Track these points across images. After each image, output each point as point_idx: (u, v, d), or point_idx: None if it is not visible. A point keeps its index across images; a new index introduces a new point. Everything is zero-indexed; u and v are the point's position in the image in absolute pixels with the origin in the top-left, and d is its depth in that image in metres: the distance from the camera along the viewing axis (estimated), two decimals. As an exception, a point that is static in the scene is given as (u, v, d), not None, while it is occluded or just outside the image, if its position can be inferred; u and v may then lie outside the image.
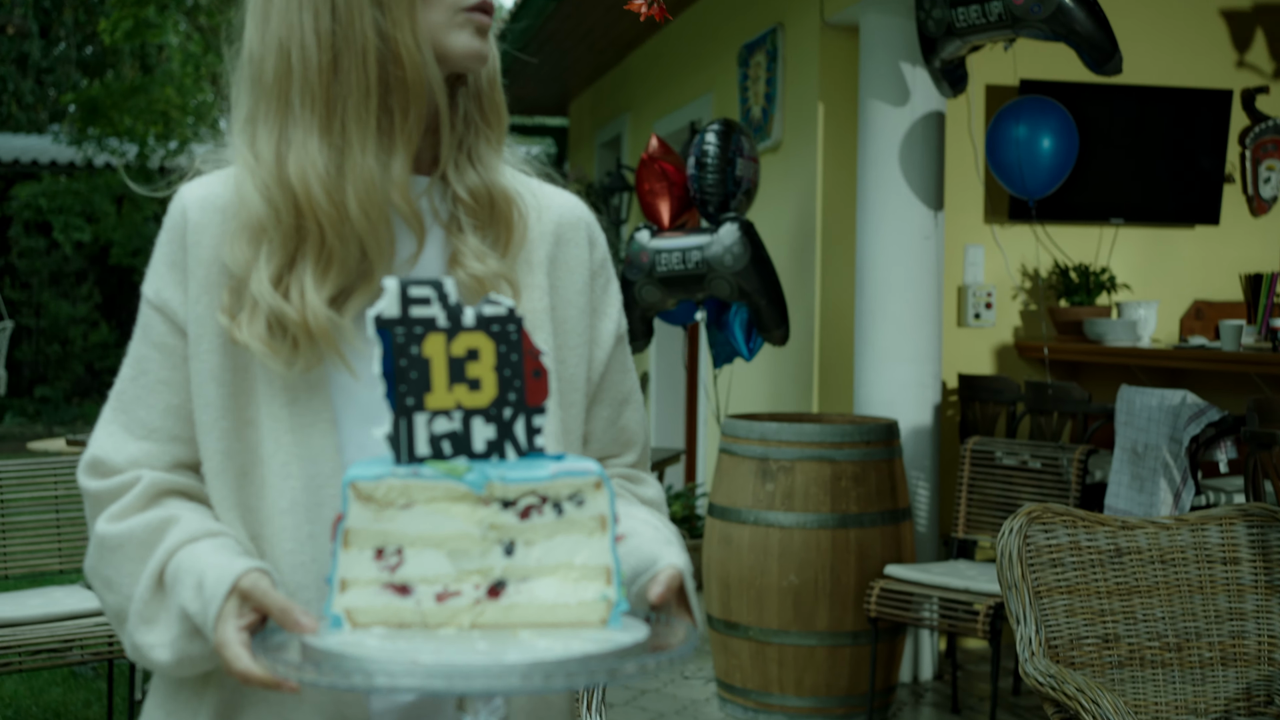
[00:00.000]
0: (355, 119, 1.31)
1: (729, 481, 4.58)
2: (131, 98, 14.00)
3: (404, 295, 1.19)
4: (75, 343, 14.18)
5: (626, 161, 8.19)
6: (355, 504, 1.16)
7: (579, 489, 1.19)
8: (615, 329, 1.51)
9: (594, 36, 7.83)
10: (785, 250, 5.68)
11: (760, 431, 4.50)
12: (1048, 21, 4.20)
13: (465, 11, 1.34)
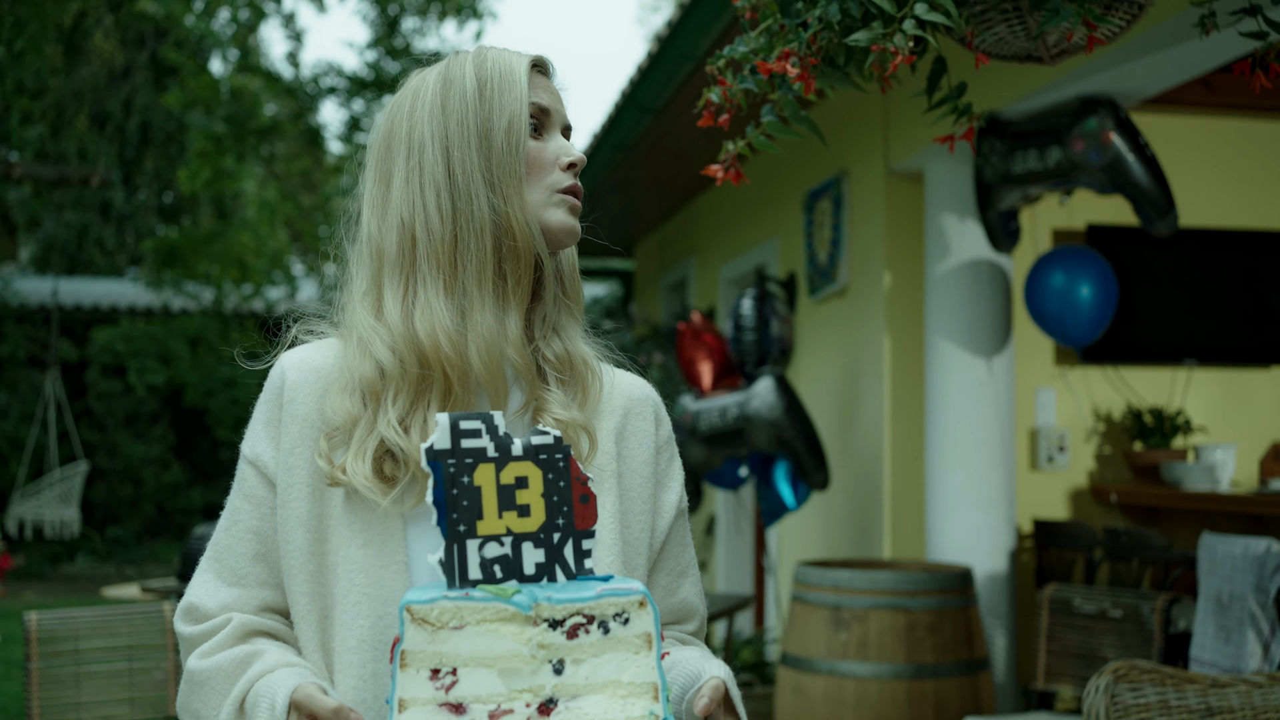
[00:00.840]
0: (475, 282, 1.48)
1: (801, 630, 4.52)
2: (208, 244, 14.41)
3: (455, 429, 1.27)
4: (147, 483, 14.37)
5: (693, 304, 8.26)
6: (411, 626, 1.22)
7: (624, 608, 1.24)
8: (677, 501, 1.62)
9: (660, 183, 7.97)
10: (851, 393, 5.68)
11: (833, 579, 4.45)
12: (1105, 170, 4.22)
13: (560, 193, 1.53)
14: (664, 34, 5.40)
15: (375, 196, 1.54)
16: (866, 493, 5.55)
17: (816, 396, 6.10)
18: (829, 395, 5.97)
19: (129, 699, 4.46)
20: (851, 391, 5.71)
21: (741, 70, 2.32)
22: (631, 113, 6.23)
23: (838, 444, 5.85)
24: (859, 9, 2.11)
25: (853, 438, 5.72)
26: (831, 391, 5.95)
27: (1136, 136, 4.24)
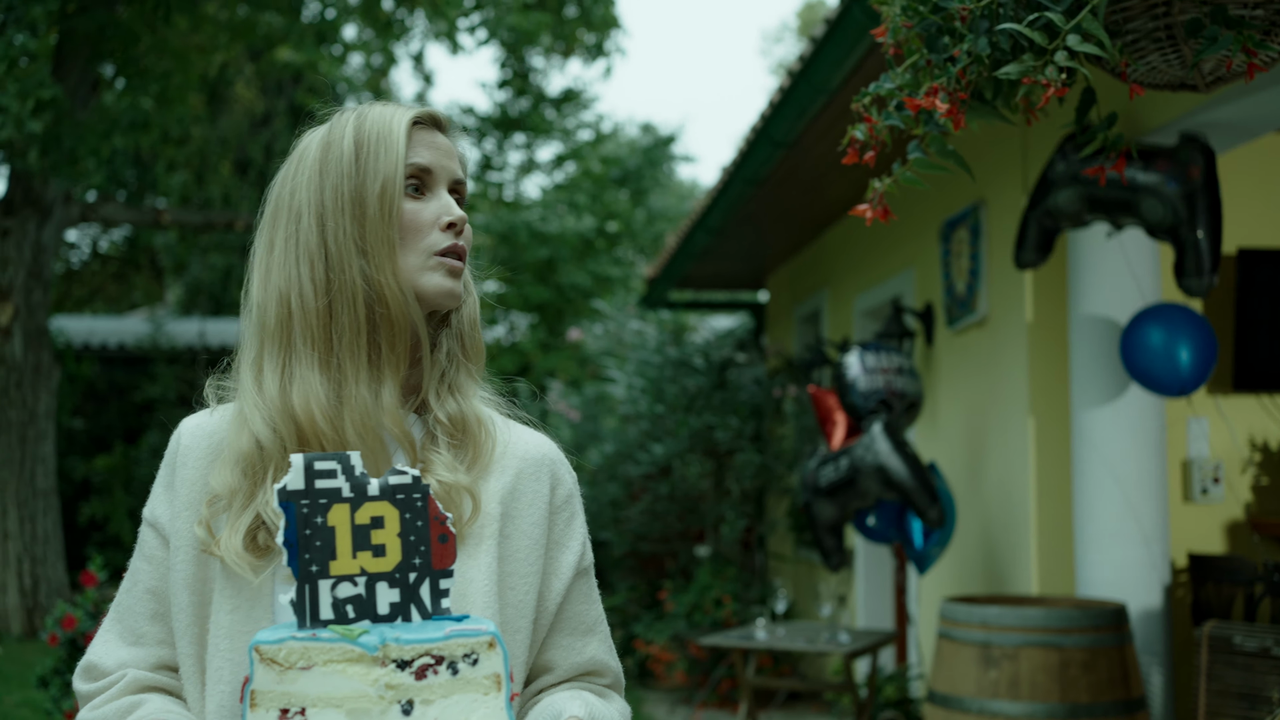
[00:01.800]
0: (350, 353, 1.47)
1: (949, 668, 4.43)
2: (347, 284, 14.74)
3: (309, 469, 1.28)
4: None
5: (827, 336, 8.21)
6: (259, 666, 1.23)
7: (473, 649, 1.25)
8: (577, 561, 1.59)
9: (791, 215, 7.95)
10: (991, 424, 5.58)
11: (980, 616, 4.36)
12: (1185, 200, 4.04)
13: (438, 255, 1.51)
14: (796, 68, 5.40)
15: (261, 264, 1.53)
16: (1006, 526, 5.44)
17: (954, 428, 6.00)
18: (967, 426, 5.87)
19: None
20: (991, 422, 5.61)
21: (886, 107, 2.30)
22: (764, 147, 6.23)
23: (974, 476, 5.74)
24: (1008, 41, 2.08)
25: (992, 469, 5.61)
26: (969, 422, 5.85)
27: (1217, 188, 4.08)
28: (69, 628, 6.62)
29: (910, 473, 5.19)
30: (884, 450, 5.25)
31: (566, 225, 12.95)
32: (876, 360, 5.60)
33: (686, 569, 8.90)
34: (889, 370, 5.58)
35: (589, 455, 8.60)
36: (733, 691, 7.99)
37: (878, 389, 5.53)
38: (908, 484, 5.19)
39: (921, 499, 5.18)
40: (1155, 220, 4.15)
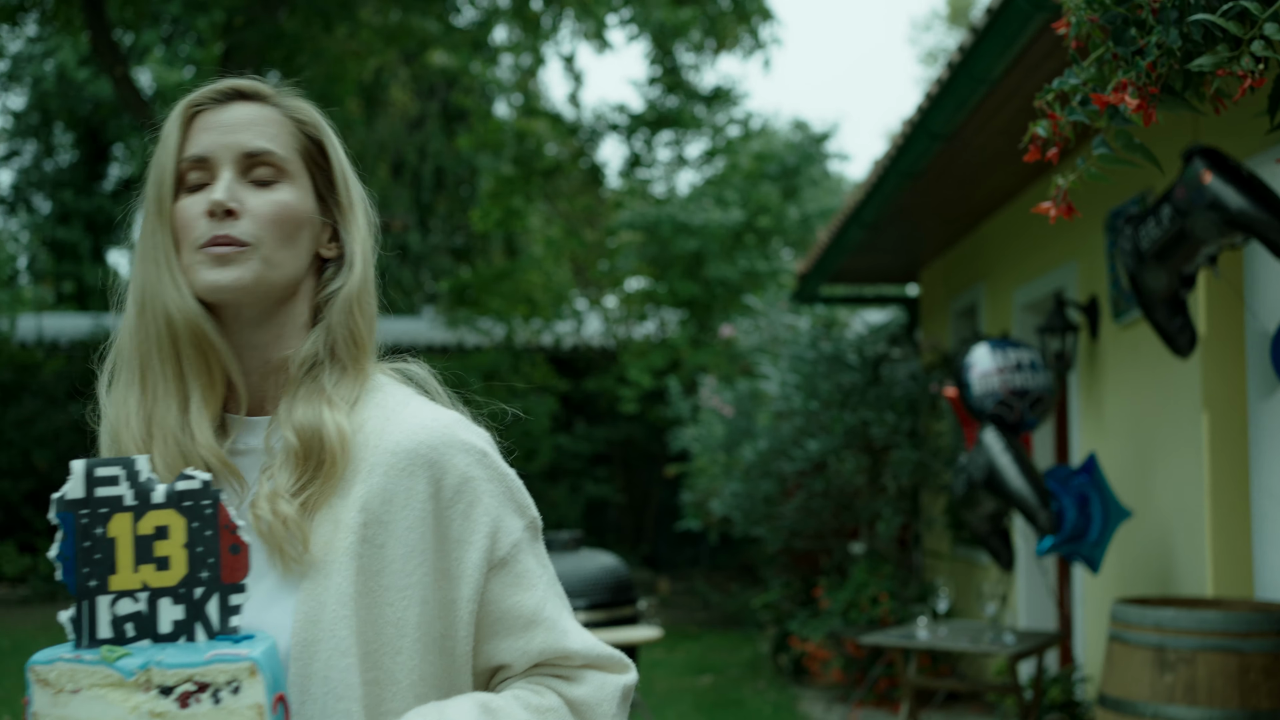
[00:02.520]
0: (158, 370, 1.37)
1: (1122, 671, 4.33)
2: (499, 282, 15.00)
3: (89, 476, 1.20)
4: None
5: (984, 330, 8.07)
6: (35, 687, 1.18)
7: (235, 675, 1.16)
8: (485, 557, 1.39)
9: (948, 208, 7.83)
10: (1161, 420, 5.42)
11: (1154, 618, 4.25)
12: (1211, 209, 3.88)
13: (201, 249, 1.37)
14: (956, 59, 5.32)
15: None
16: (1178, 525, 5.28)
17: (1120, 423, 5.85)
18: (1134, 422, 5.72)
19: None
20: (1161, 418, 5.45)
21: (1070, 102, 2.26)
22: (921, 140, 6.15)
23: (1141, 472, 5.59)
24: (1200, 32, 2.03)
25: (1161, 466, 5.46)
26: (1137, 418, 5.70)
27: (1238, 170, 3.90)
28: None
29: (1019, 480, 5.21)
30: (989, 459, 5.31)
31: (712, 218, 12.95)
32: (993, 360, 5.53)
33: (841, 566, 8.84)
34: (1005, 369, 5.48)
35: (742, 451, 8.59)
36: (890, 690, 7.92)
37: (992, 391, 5.46)
38: (1014, 492, 5.21)
39: (1030, 505, 5.18)
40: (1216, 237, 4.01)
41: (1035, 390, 5.53)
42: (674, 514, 15.27)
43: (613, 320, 15.48)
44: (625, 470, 15.94)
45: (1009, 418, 5.51)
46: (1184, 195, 3.95)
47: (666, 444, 14.64)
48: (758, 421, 8.75)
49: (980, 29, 4.97)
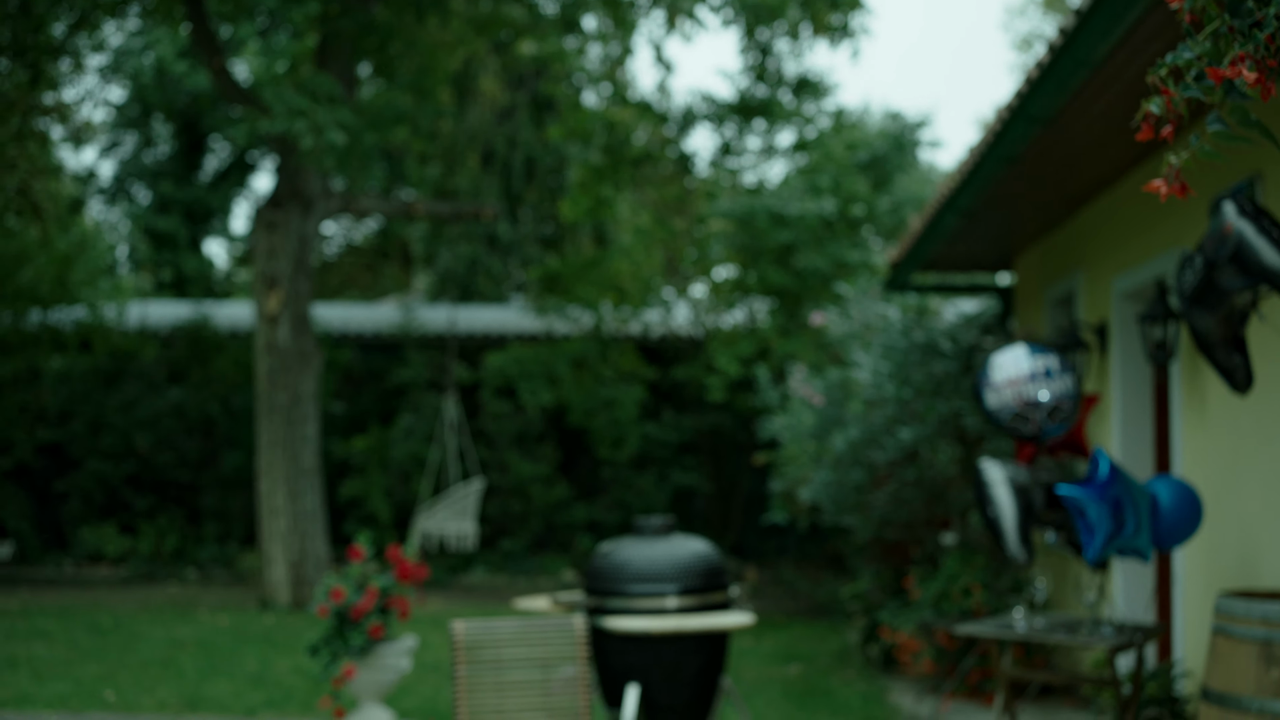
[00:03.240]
0: None
1: (1226, 666, 4.23)
2: (588, 270, 15.05)
3: None
4: (535, 499, 15.12)
5: (1082, 318, 7.93)
6: None
7: None
8: None
9: (1044, 194, 7.70)
10: (1265, 410, 5.29)
11: (1262, 612, 4.15)
12: (1234, 262, 3.79)
13: None
14: (1058, 42, 5.22)
15: None
16: (1272, 518, 5.16)
17: (1222, 414, 5.72)
18: (1235, 412, 5.59)
19: (544, 705, 4.70)
20: (1263, 408, 5.32)
21: (1185, 78, 2.21)
22: (1019, 125, 6.05)
23: (1235, 464, 5.46)
24: (1322, 4, 1.97)
25: (1258, 457, 5.32)
26: (1239, 408, 5.56)
27: (1261, 218, 3.80)
28: (337, 600, 6.97)
29: (1005, 506, 5.24)
30: (983, 487, 5.41)
31: (807, 208, 12.87)
32: (1003, 373, 5.44)
33: (932, 557, 8.75)
34: (1017, 381, 5.39)
35: (833, 440, 8.54)
36: (982, 683, 7.83)
37: (1006, 405, 5.39)
38: (994, 520, 5.36)
39: (1006, 537, 5.34)
40: (1242, 286, 3.97)
41: (1053, 399, 5.44)
42: (761, 504, 15.22)
43: (701, 309, 15.47)
44: (712, 459, 15.92)
45: (1026, 430, 5.45)
46: (1211, 246, 3.93)
47: (754, 433, 14.60)
48: (848, 410, 8.69)
49: (1084, 10, 4.87)
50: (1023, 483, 5.31)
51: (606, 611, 5.07)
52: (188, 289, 24.86)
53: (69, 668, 8.95)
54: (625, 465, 15.42)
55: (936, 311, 10.54)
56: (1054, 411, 5.33)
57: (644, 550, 5.13)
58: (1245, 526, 5.51)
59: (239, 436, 15.49)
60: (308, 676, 8.63)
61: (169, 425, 15.35)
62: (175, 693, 8.15)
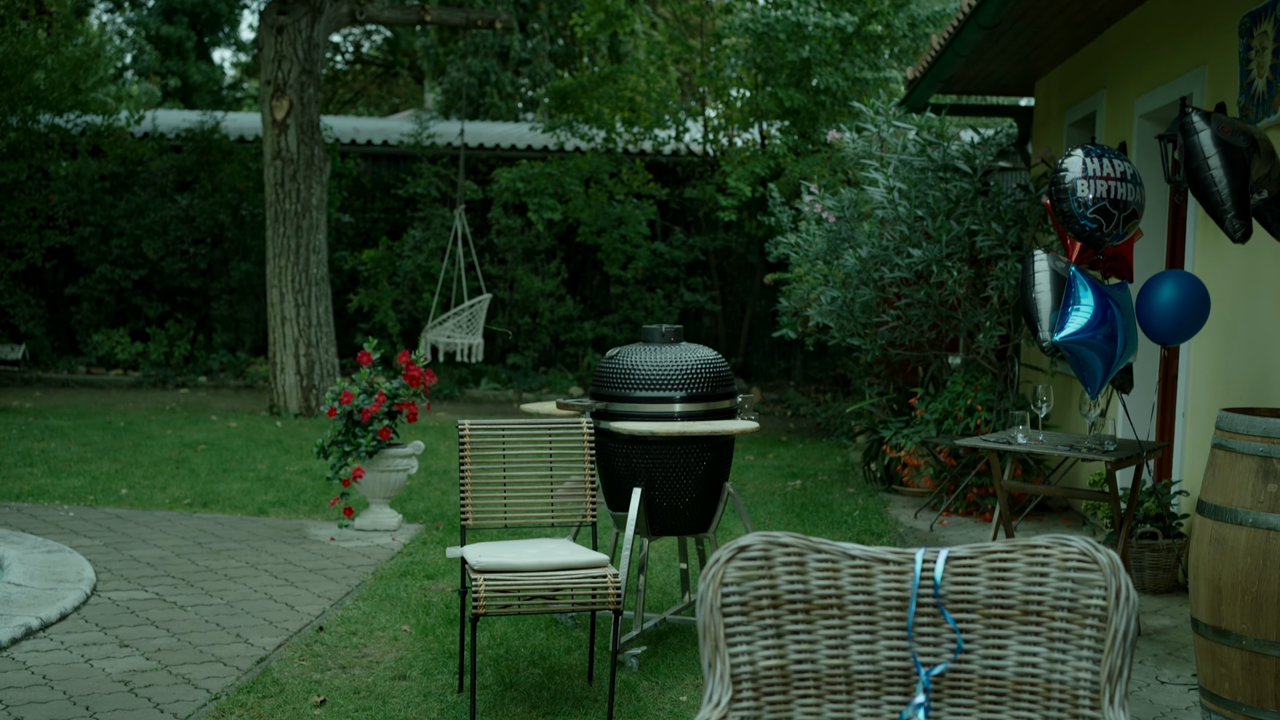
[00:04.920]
0: None
1: (1224, 480, 4.28)
2: (600, 86, 14.79)
3: None
4: (543, 315, 15.17)
5: (1101, 141, 7.81)
6: None
7: None
8: None
9: (1069, 11, 7.51)
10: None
11: (1263, 428, 4.18)
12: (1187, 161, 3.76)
13: None
14: None
15: None
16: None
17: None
18: (1254, 235, 5.54)
19: (550, 505, 4.78)
20: None
21: None
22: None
23: (1250, 287, 5.44)
24: None
25: (1272, 282, 5.30)
26: (1255, 232, 5.51)
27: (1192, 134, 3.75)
28: (346, 402, 7.05)
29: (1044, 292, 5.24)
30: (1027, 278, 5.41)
31: (825, 20, 12.58)
32: (1099, 165, 5.27)
33: (938, 377, 8.80)
34: (1112, 177, 5.25)
35: (844, 259, 8.51)
36: (980, 499, 7.95)
37: (1099, 197, 5.23)
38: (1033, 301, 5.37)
39: (1037, 320, 5.34)
40: None
41: (1132, 204, 5.34)
42: (769, 325, 15.27)
43: (714, 128, 15.25)
44: (721, 280, 15.91)
45: (1101, 230, 5.33)
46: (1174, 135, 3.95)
47: (764, 255, 14.55)
48: (860, 230, 8.63)
49: None
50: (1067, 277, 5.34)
51: (612, 416, 5.12)
52: (194, 99, 24.50)
53: (84, 465, 9.11)
54: (634, 283, 15.42)
55: (955, 136, 10.39)
56: (1130, 218, 5.26)
57: (651, 356, 5.15)
58: (1256, 348, 5.51)
59: (248, 246, 15.47)
60: (317, 478, 8.79)
61: (178, 232, 15.31)
62: (187, 490, 8.31)
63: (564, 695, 4.58)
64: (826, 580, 2.26)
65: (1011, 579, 2.22)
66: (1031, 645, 2.19)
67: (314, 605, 5.66)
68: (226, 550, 6.67)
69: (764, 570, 2.25)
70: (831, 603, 2.25)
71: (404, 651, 5.02)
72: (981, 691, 2.21)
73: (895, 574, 2.26)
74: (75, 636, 5.10)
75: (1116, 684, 2.11)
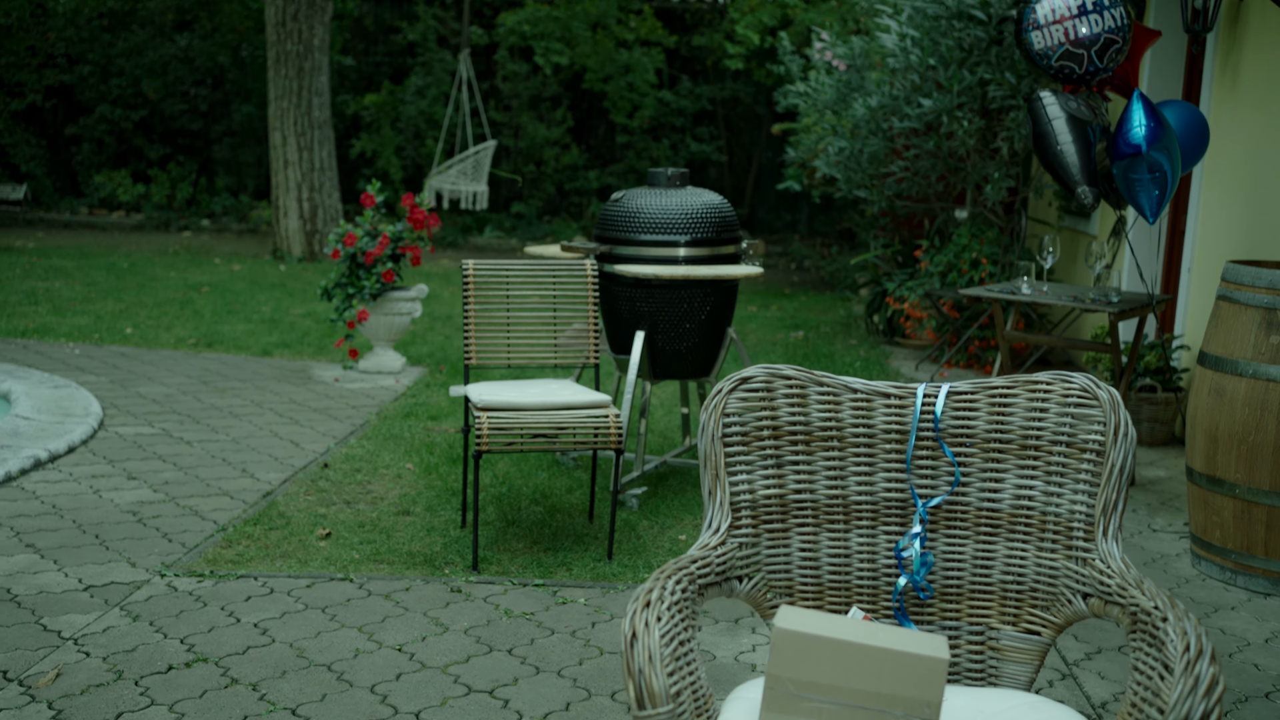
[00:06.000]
0: None
1: (1226, 331, 4.29)
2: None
3: None
4: (548, 164, 15.03)
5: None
6: None
7: None
8: None
9: None
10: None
11: (1269, 279, 4.17)
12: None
13: None
14: None
15: None
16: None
17: (1254, 92, 5.58)
18: (1269, 90, 5.45)
19: (553, 345, 4.79)
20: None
21: None
22: None
23: (1270, 141, 5.37)
24: None
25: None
26: (1273, 85, 5.42)
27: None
28: (350, 244, 7.02)
29: (1068, 148, 5.00)
30: (1039, 124, 5.15)
31: None
32: (1052, 10, 5.05)
33: (944, 230, 8.76)
34: (1068, 16, 5.03)
35: (853, 108, 8.39)
36: (982, 352, 7.98)
37: (1059, 43, 5.02)
38: (1055, 159, 5.11)
39: (1070, 178, 5.07)
40: None
41: (1103, 34, 5.08)
42: (775, 178, 15.14)
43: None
44: (728, 130, 15.72)
45: (1076, 71, 5.13)
46: None
47: (772, 106, 14.35)
48: (870, 79, 8.49)
49: None
50: (1084, 117, 5.11)
51: (617, 259, 5.11)
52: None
53: (88, 304, 9.13)
54: (639, 132, 15.24)
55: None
56: (1105, 48, 5.02)
57: (656, 199, 5.11)
58: (1266, 201, 5.47)
59: (249, 88, 15.26)
60: (321, 321, 8.81)
61: (178, 73, 15.08)
62: (192, 330, 8.33)
63: (565, 532, 4.65)
64: (827, 412, 2.27)
65: (1012, 413, 2.23)
66: (1028, 479, 2.22)
67: (319, 443, 5.72)
68: (232, 389, 6.72)
69: (766, 401, 2.26)
70: (832, 434, 2.27)
71: (407, 489, 5.09)
72: (977, 523, 2.25)
73: (896, 407, 2.27)
74: (83, 469, 5.17)
75: (1111, 517, 2.13)
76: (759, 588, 2.24)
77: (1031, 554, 2.21)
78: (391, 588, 4.04)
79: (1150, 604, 1.94)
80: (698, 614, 2.07)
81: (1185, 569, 4.46)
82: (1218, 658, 1.74)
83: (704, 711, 1.98)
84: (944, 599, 2.26)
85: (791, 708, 1.81)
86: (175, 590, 3.94)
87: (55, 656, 3.42)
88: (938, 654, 1.77)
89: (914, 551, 2.22)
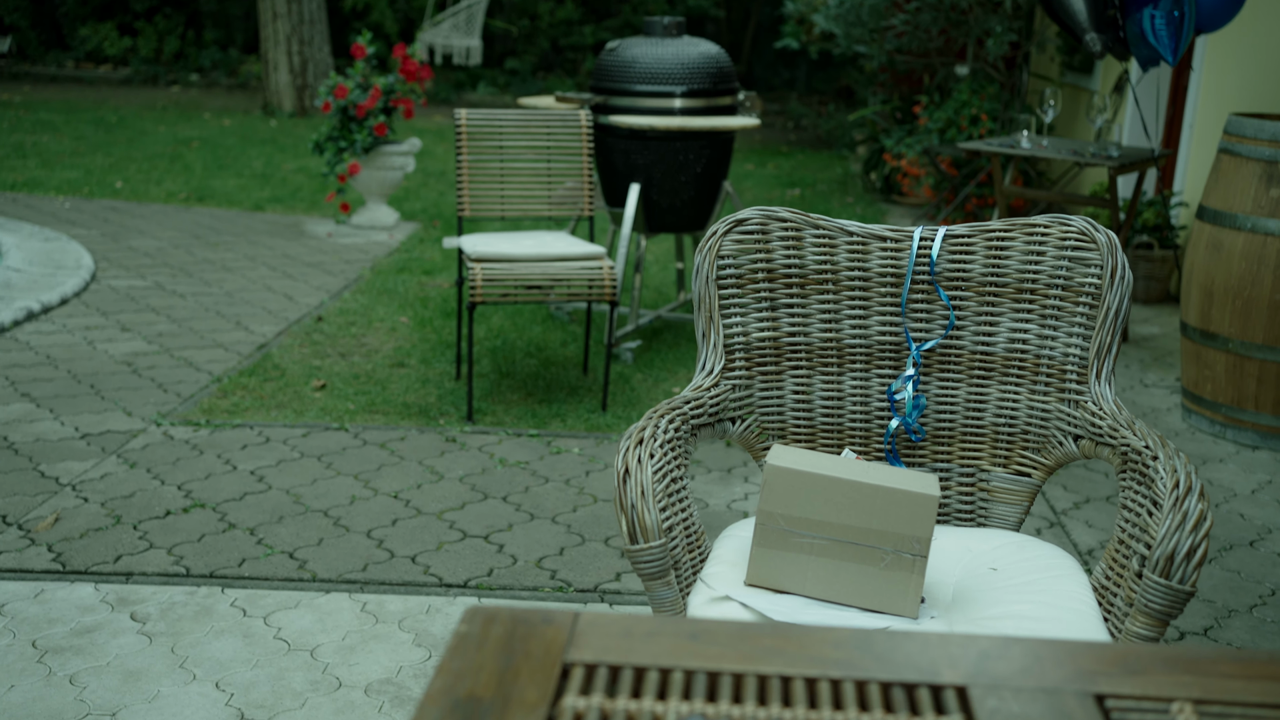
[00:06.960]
0: None
1: (1226, 184, 4.25)
2: None
3: None
4: (543, 18, 14.74)
5: None
6: None
7: None
8: None
9: None
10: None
11: (1271, 132, 4.11)
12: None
13: None
14: None
15: None
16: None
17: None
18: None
19: (548, 197, 4.75)
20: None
21: None
22: None
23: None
24: None
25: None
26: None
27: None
28: (341, 96, 6.91)
29: None
30: None
31: None
32: None
33: (944, 86, 8.63)
34: None
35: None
36: (979, 209, 7.92)
37: None
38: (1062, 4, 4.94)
39: (1079, 26, 4.90)
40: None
41: None
42: (773, 35, 14.86)
43: None
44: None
45: None
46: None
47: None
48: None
49: None
50: None
51: (612, 110, 5.03)
52: None
53: (77, 158, 9.03)
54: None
55: None
56: None
57: (652, 49, 5.02)
58: (1273, 56, 5.38)
59: (236, -63, 14.90)
60: (313, 177, 8.72)
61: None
62: (183, 185, 8.25)
63: (559, 384, 4.67)
64: (823, 255, 2.25)
65: (1008, 257, 2.21)
66: (1023, 322, 2.21)
67: (312, 297, 5.70)
68: (224, 243, 6.68)
69: (760, 244, 2.24)
70: (826, 277, 2.26)
71: (402, 341, 5.09)
72: (971, 366, 2.24)
73: (892, 251, 2.26)
74: (76, 320, 5.16)
75: (1104, 359, 2.13)
76: (752, 429, 2.25)
77: (1024, 397, 2.21)
78: (387, 437, 4.06)
79: (1141, 443, 1.94)
80: (690, 453, 2.08)
81: (1176, 422, 4.49)
82: (1206, 494, 1.75)
83: (696, 548, 2.00)
84: (935, 441, 2.28)
85: (782, 543, 1.83)
86: (171, 439, 3.96)
87: (54, 502, 3.45)
88: (928, 491, 1.78)
89: (907, 394, 2.23)
